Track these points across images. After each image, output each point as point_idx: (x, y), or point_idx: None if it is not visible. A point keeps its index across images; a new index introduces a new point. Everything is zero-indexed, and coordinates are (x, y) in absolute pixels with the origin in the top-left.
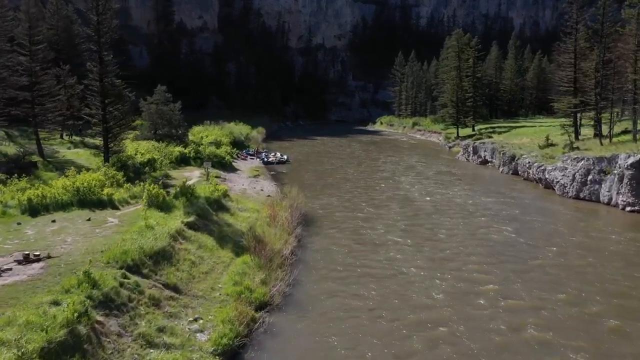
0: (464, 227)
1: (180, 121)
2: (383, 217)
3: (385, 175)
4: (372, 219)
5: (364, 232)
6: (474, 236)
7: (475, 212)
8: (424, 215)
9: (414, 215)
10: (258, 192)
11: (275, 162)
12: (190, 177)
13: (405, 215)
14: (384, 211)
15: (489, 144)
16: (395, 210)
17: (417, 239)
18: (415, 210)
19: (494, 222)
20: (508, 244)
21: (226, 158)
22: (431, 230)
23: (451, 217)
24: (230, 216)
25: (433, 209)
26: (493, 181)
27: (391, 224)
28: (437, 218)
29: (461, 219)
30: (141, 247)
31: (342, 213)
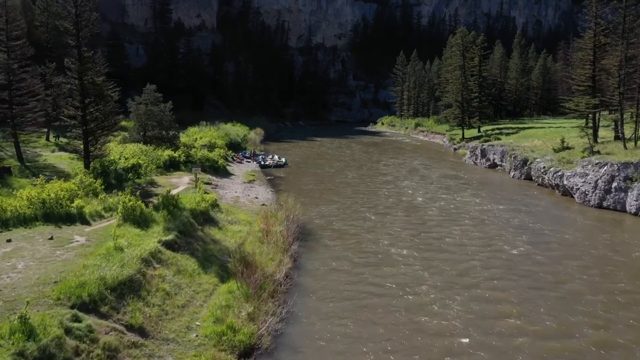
0: (476, 238)
1: (171, 122)
2: (387, 227)
3: (387, 179)
4: (375, 229)
5: (367, 245)
6: (488, 248)
7: (486, 221)
8: (431, 225)
9: (421, 224)
10: (252, 200)
11: (273, 165)
12: (178, 184)
13: (411, 224)
14: (388, 220)
15: (498, 147)
16: (401, 219)
17: (426, 252)
18: (422, 218)
19: (508, 232)
20: (525, 257)
21: (219, 162)
22: (440, 242)
23: (461, 227)
24: (219, 231)
25: (441, 217)
26: (504, 186)
27: (396, 235)
28: (446, 227)
29: (472, 228)
30: (103, 277)
31: (342, 223)
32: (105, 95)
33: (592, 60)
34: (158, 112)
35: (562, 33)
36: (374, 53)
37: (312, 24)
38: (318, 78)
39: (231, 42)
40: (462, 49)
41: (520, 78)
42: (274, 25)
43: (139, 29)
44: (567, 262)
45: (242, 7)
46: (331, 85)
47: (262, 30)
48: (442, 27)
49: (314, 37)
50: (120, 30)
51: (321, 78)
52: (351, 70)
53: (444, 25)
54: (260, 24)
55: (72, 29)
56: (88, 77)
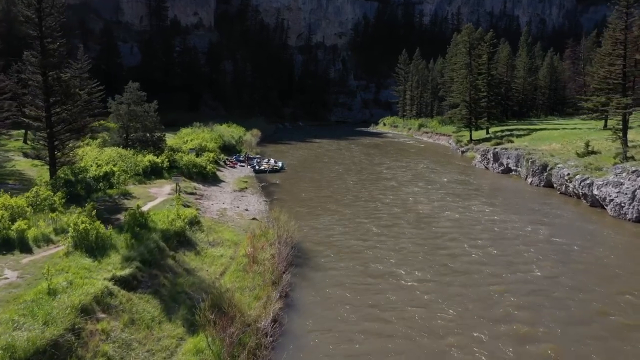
0: (495, 256)
1: (156, 124)
2: (394, 242)
3: (391, 185)
4: (380, 246)
5: (372, 268)
6: (510, 269)
7: (505, 235)
8: (443, 240)
9: (431, 239)
10: (241, 213)
11: (268, 170)
12: (157, 195)
13: (420, 240)
14: (394, 233)
15: (512, 150)
16: (408, 233)
17: (440, 275)
18: (432, 231)
19: (531, 249)
20: (555, 281)
21: (207, 168)
22: (455, 261)
23: (476, 242)
24: (195, 256)
25: (453, 229)
26: (520, 194)
27: (405, 253)
28: (459, 242)
29: (488, 243)
30: (11, 345)
31: (343, 238)
32: (73, 94)
33: (622, 55)
34: (141, 112)
35: (566, 32)
36: (375, 52)
37: (312, 23)
38: (318, 78)
39: (229, 41)
40: (469, 47)
41: (528, 77)
42: (273, 23)
43: (133, 27)
44: (605, 287)
45: (241, 5)
46: (331, 85)
47: (260, 29)
48: (444, 26)
49: (314, 35)
50: (114, 28)
51: (321, 78)
52: (352, 69)
53: (446, 24)
54: (259, 22)
55: (33, 17)
56: (53, 72)
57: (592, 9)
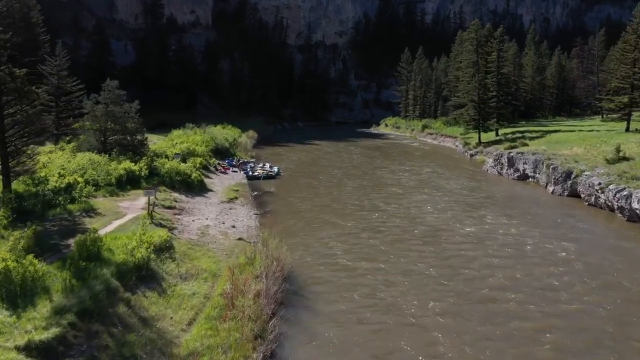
0: (520, 280)
1: (138, 126)
2: (401, 264)
3: (395, 192)
4: (387, 268)
5: (380, 302)
6: (539, 298)
7: (527, 253)
8: (458, 259)
9: (445, 258)
10: (226, 231)
11: (262, 176)
12: (127, 211)
13: (431, 258)
14: (401, 252)
15: (529, 155)
16: (417, 250)
17: (460, 306)
18: (444, 248)
19: (560, 271)
20: (598, 315)
21: (193, 176)
22: (475, 287)
23: (495, 261)
24: (159, 297)
25: (467, 245)
26: (540, 204)
27: (415, 277)
28: (477, 263)
29: (510, 263)
30: None
31: (343, 260)
32: (28, 92)
33: None
34: (121, 113)
35: (570, 31)
36: (376, 51)
37: (311, 21)
38: (318, 77)
39: (227, 40)
40: (476, 44)
41: (537, 76)
42: (272, 22)
43: (128, 25)
44: None
45: (239, 4)
46: (331, 85)
47: (259, 28)
48: (446, 25)
49: (313, 34)
50: (107, 26)
51: (321, 77)
52: (352, 69)
53: (448, 23)
54: (258, 20)
55: None
56: (4, 67)
57: (596, 8)
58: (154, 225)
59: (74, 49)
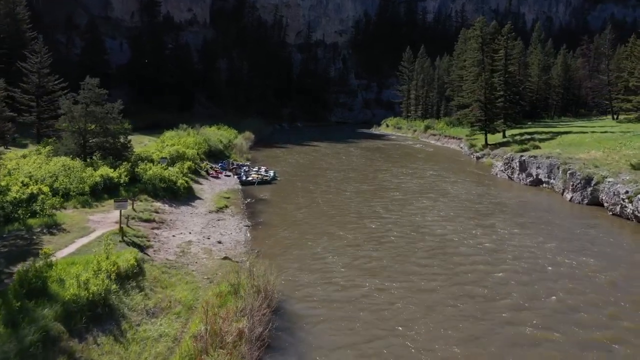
0: (543, 301)
1: (122, 128)
2: (407, 286)
3: (398, 197)
4: (392, 290)
5: (388, 338)
6: (568, 322)
7: (545, 269)
8: (473, 277)
9: (454, 274)
10: (210, 248)
11: (257, 181)
12: (97, 226)
13: (440, 277)
14: (407, 269)
15: (543, 159)
16: (427, 269)
17: (484, 342)
18: (454, 263)
19: (586, 291)
20: (635, 344)
21: (179, 182)
22: (494, 312)
23: (513, 277)
24: (115, 343)
25: (478, 258)
26: (556, 213)
27: (428, 302)
28: (491, 280)
29: (528, 279)
30: None
31: (342, 280)
32: None
33: None
34: (102, 114)
35: (573, 30)
36: (376, 51)
37: (311, 20)
38: (318, 77)
39: (225, 38)
40: (482, 42)
41: (543, 75)
42: (271, 20)
43: (124, 23)
44: None
45: (237, 2)
46: (331, 85)
47: (258, 26)
48: (448, 24)
49: (313, 33)
50: (102, 24)
51: (321, 77)
52: (352, 68)
53: (450, 22)
54: (257, 19)
55: None
56: None
57: (599, 7)
58: (124, 244)
59: (66, 47)
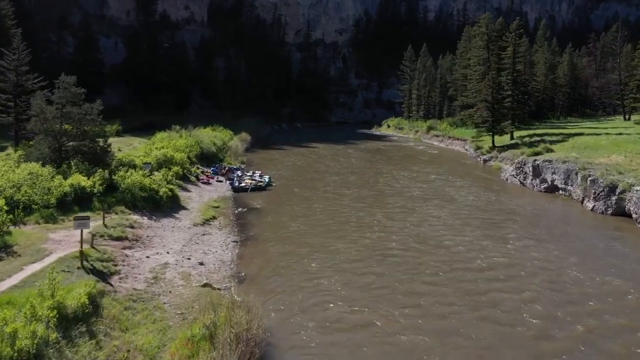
0: (567, 330)
1: (102, 130)
2: (418, 311)
3: (402, 205)
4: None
5: None
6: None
7: (567, 288)
8: (488, 300)
9: (471, 295)
10: (190, 271)
11: (250, 187)
12: (56, 247)
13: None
14: (415, 289)
15: (559, 163)
16: (435, 289)
17: None
18: (468, 284)
19: (617, 313)
20: None
21: (161, 191)
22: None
23: (532, 298)
24: None
25: (491, 274)
26: (576, 224)
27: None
28: (512, 305)
29: (550, 307)
30: None
31: (342, 313)
32: None
33: None
34: (80, 115)
35: (576, 29)
36: (377, 50)
37: (311, 19)
38: (317, 76)
39: (222, 37)
40: (487, 39)
41: (550, 74)
42: (269, 19)
43: (119, 22)
44: None
45: (236, 0)
46: (331, 84)
47: (256, 25)
48: (449, 23)
49: (313, 32)
50: (97, 22)
51: (321, 76)
52: (353, 68)
53: (451, 21)
54: (255, 17)
55: None
56: None
57: (602, 6)
58: (83, 272)
59: (57, 45)
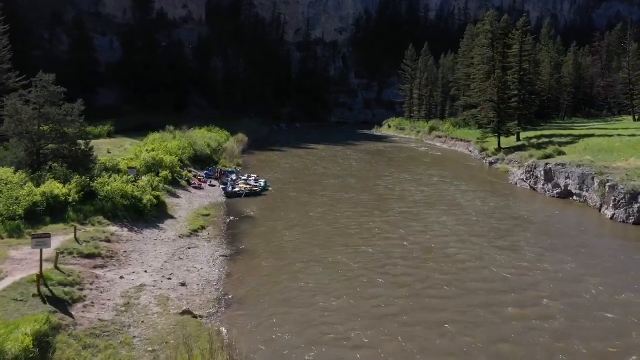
0: None
1: (83, 132)
2: (439, 354)
3: (404, 211)
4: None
5: None
6: None
7: (586, 305)
8: (516, 337)
9: (498, 339)
10: (169, 294)
11: (245, 192)
12: (18, 266)
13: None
14: (432, 323)
15: (573, 167)
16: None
17: None
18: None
19: None
20: None
21: (145, 199)
22: None
23: (562, 329)
24: None
25: (503, 292)
26: (594, 234)
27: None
28: (532, 336)
29: (581, 336)
30: None
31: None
32: None
33: None
34: (59, 116)
35: (578, 28)
36: (377, 49)
37: (310, 17)
38: (317, 76)
39: (221, 36)
40: (492, 37)
41: (556, 74)
42: (268, 18)
43: (115, 20)
44: None
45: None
46: (331, 84)
47: (255, 24)
48: (450, 22)
49: (312, 31)
50: (93, 21)
51: (320, 76)
52: (353, 67)
53: (452, 20)
54: (254, 16)
55: None
56: None
57: (605, 5)
58: (39, 300)
59: (50, 44)
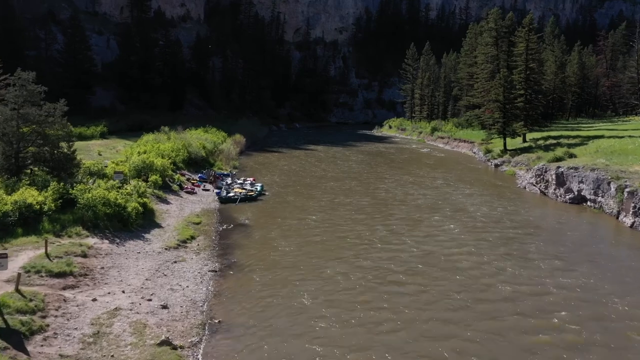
0: None
1: (66, 134)
2: None
3: (407, 216)
4: None
5: None
6: None
7: (611, 327)
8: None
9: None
10: (146, 320)
11: (240, 198)
12: None
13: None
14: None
15: (586, 171)
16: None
17: None
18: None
19: None
20: None
21: (130, 207)
22: None
23: (583, 351)
24: None
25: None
26: (611, 243)
27: None
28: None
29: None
30: None
31: None
32: None
33: None
34: (40, 117)
35: (580, 27)
36: (378, 49)
37: (310, 17)
38: (317, 76)
39: (219, 35)
40: (496, 36)
41: (560, 73)
42: (268, 17)
43: (112, 19)
44: None
45: None
46: (331, 84)
47: (254, 23)
48: (451, 21)
49: (312, 30)
50: (89, 19)
51: (320, 76)
52: (353, 67)
53: (453, 19)
54: (253, 15)
55: None
56: None
57: (607, 4)
58: None
59: (45, 43)
